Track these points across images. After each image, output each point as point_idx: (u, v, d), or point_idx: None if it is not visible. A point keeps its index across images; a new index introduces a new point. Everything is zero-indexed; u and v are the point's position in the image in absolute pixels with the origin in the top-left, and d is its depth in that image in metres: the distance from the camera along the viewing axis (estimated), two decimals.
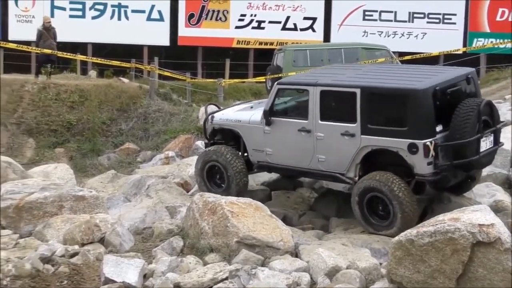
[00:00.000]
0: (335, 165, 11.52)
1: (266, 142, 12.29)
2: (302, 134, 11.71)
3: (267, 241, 9.44)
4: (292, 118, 12.05)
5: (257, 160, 12.54)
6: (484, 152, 11.02)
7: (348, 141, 11.20)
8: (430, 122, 10.59)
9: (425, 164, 10.54)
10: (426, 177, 10.71)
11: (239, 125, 12.80)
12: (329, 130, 11.45)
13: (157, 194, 12.92)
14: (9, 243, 9.83)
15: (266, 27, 31.34)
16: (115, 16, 30.36)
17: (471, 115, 10.65)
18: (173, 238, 9.84)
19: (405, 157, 10.68)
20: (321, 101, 11.52)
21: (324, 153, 11.57)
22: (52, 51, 22.17)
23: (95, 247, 9.52)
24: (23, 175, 12.62)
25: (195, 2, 30.80)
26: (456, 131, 10.67)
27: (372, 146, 11.03)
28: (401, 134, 10.65)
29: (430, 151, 10.50)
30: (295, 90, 12.63)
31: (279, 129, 12.06)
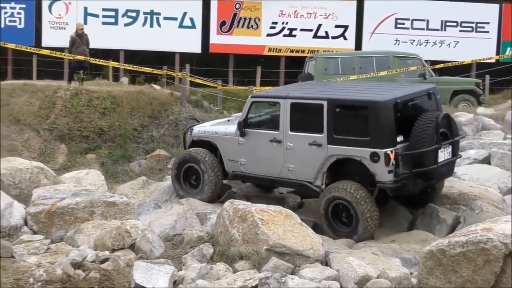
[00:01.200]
0: (304, 174, 12.24)
1: (240, 152, 13.08)
2: (273, 145, 12.47)
3: (297, 249, 9.41)
4: (264, 130, 12.85)
5: (232, 170, 13.34)
6: (443, 162, 11.66)
7: (316, 150, 11.92)
8: (391, 132, 11.24)
9: (386, 172, 11.16)
10: (387, 185, 11.28)
11: (216, 137, 13.62)
12: (298, 140, 12.18)
13: (187, 201, 12.94)
14: (40, 248, 9.88)
15: (297, 34, 31.33)
16: (147, 23, 30.52)
17: (430, 127, 11.32)
18: (203, 245, 9.84)
19: (367, 165, 11.30)
20: (291, 112, 12.28)
21: (294, 162, 12.30)
22: (85, 58, 22.32)
23: (125, 253, 9.54)
24: (55, 181, 12.71)
25: (227, 10, 30.89)
26: (415, 141, 11.31)
27: (337, 156, 11.73)
28: (364, 144, 11.30)
29: (391, 159, 11.11)
30: (267, 103, 13.40)
31: (252, 140, 12.86)
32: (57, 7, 29.91)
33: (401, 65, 22.84)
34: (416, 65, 22.93)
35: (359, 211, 11.28)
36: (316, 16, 31.39)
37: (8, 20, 29.57)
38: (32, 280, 8.32)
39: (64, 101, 20.97)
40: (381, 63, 22.90)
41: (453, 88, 23.02)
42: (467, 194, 12.60)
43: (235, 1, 30.94)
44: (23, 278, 8.40)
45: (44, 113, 20.53)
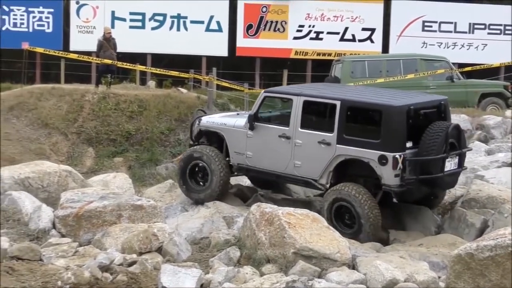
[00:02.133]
0: (309, 171, 12.47)
1: (247, 145, 13.24)
2: (281, 140, 12.68)
3: (324, 253, 9.40)
4: (274, 125, 13.03)
5: (237, 162, 13.48)
6: (448, 172, 11.90)
7: (324, 149, 12.16)
8: (401, 137, 11.53)
9: (393, 176, 11.42)
10: (393, 188, 11.54)
11: (224, 128, 13.76)
12: (308, 137, 12.41)
13: (214, 204, 12.98)
14: (68, 251, 9.94)
15: (324, 38, 31.23)
16: (174, 27, 30.56)
17: (440, 135, 11.60)
18: (230, 248, 9.85)
19: (375, 167, 11.56)
20: (303, 110, 12.54)
21: (300, 159, 12.52)
22: (112, 62, 22.44)
23: (152, 256, 9.58)
24: (83, 184, 12.80)
25: (254, 13, 30.86)
26: (424, 149, 11.60)
27: (345, 156, 11.97)
28: (373, 146, 11.57)
29: (398, 163, 11.36)
30: (280, 99, 13.73)
31: (261, 134, 13.04)
32: (85, 11, 30.03)
33: (429, 68, 22.74)
34: (444, 68, 22.82)
35: (361, 214, 11.49)
36: (343, 19, 31.28)
37: (36, 25, 29.74)
38: (60, 283, 8.37)
39: (92, 105, 21.11)
40: (408, 66, 22.82)
41: (481, 91, 22.87)
42: (496, 198, 12.53)
43: (261, 5, 30.91)
44: (51, 281, 8.46)
45: (72, 116, 20.67)
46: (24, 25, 29.66)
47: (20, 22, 29.63)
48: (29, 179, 12.40)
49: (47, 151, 19.46)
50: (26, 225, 11.01)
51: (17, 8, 29.53)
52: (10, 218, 11.26)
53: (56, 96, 21.53)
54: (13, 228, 10.94)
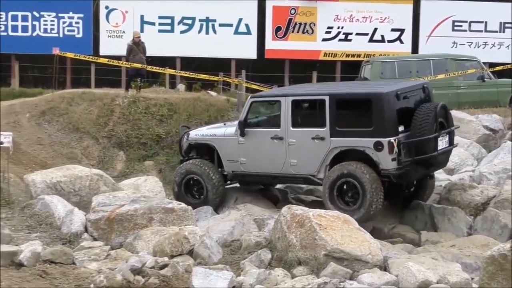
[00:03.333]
0: (306, 168, 12.73)
1: (240, 152, 13.45)
2: (274, 142, 12.95)
3: (355, 254, 9.36)
4: (265, 128, 13.39)
5: (231, 170, 13.69)
6: (441, 150, 12.42)
7: (318, 144, 12.47)
8: (393, 122, 11.93)
9: (390, 160, 11.79)
10: (391, 172, 11.85)
11: (214, 139, 14.00)
12: (301, 135, 12.71)
13: (245, 207, 12.97)
14: (100, 254, 10.01)
15: (353, 39, 31.14)
16: (203, 30, 30.64)
17: (429, 116, 12.05)
18: (261, 251, 9.85)
19: (371, 154, 11.92)
20: (293, 109, 12.83)
21: (296, 157, 12.78)
22: (142, 66, 22.52)
23: (184, 259, 9.61)
24: (114, 188, 12.87)
25: (282, 15, 30.85)
26: (417, 130, 12.00)
27: (341, 147, 12.31)
28: (367, 134, 11.96)
29: (394, 147, 11.73)
30: (268, 103, 14.16)
31: (253, 139, 13.28)
32: (114, 16, 30.20)
33: (459, 68, 22.58)
34: (474, 67, 22.65)
35: (367, 189, 11.77)
36: (371, 20, 31.17)
37: (66, 30, 29.96)
38: (92, 286, 8.44)
39: (122, 109, 21.20)
40: (438, 66, 22.66)
41: None
42: None
43: (290, 7, 30.90)
44: (84, 284, 8.53)
45: (103, 120, 20.77)
46: (55, 31, 29.91)
47: (50, 28, 29.88)
48: (61, 183, 12.50)
49: (78, 155, 19.58)
50: (58, 229, 11.11)
51: (48, 13, 29.80)
52: (43, 222, 11.37)
53: (87, 101, 21.65)
54: (46, 232, 11.05)
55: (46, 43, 28.25)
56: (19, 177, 14.91)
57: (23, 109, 21.34)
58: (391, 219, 13.08)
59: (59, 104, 21.49)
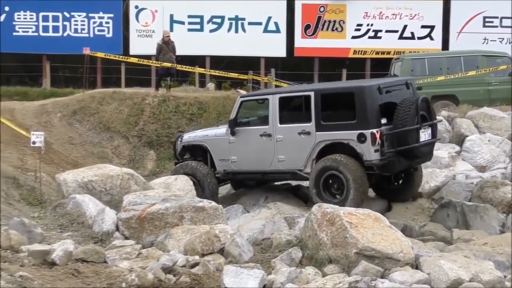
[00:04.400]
0: (294, 163, 13.22)
1: (231, 151, 13.99)
2: (263, 139, 13.48)
3: (386, 253, 9.31)
4: (254, 126, 13.93)
5: (223, 169, 14.22)
6: (424, 142, 12.86)
7: (305, 139, 12.98)
8: (375, 114, 12.43)
9: (373, 151, 12.30)
10: (374, 163, 12.36)
11: (206, 139, 14.61)
12: (288, 131, 13.24)
13: (275, 205, 12.98)
14: (132, 253, 10.03)
15: (383, 36, 30.99)
16: (232, 29, 30.67)
17: (411, 108, 12.47)
18: (292, 249, 9.82)
19: (355, 147, 12.42)
20: (280, 106, 13.37)
21: (284, 153, 13.28)
22: (172, 65, 22.59)
23: (215, 258, 9.61)
24: (145, 187, 12.90)
25: (312, 13, 30.79)
26: (398, 122, 12.44)
27: (326, 141, 12.81)
28: (351, 127, 12.47)
29: (377, 139, 12.24)
30: (256, 102, 14.52)
31: (243, 137, 13.84)
32: (144, 15, 30.33)
33: (490, 64, 22.38)
34: (506, 64, 22.43)
35: (350, 179, 12.26)
36: (401, 16, 31.01)
37: (97, 30, 30.16)
38: (124, 284, 8.47)
39: (152, 108, 21.29)
40: (469, 62, 22.48)
41: None
42: None
43: (319, 4, 30.83)
44: (116, 283, 8.56)
45: (133, 120, 20.88)
46: (85, 31, 30.13)
47: (81, 28, 30.10)
48: (92, 182, 12.55)
49: (109, 155, 19.70)
50: (90, 228, 11.16)
51: (78, 14, 30.03)
52: (75, 221, 11.43)
53: (117, 100, 21.77)
54: (78, 230, 11.11)
55: (77, 43, 28.46)
56: (51, 177, 15.04)
57: (55, 109, 21.52)
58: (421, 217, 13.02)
59: (90, 104, 21.64)
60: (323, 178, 12.65)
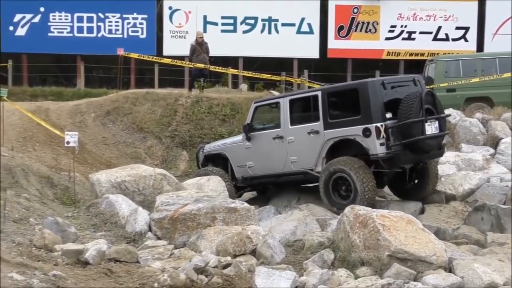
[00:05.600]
0: (305, 163, 13.47)
1: (247, 156, 14.40)
2: (276, 141, 13.86)
3: (419, 255, 9.25)
4: (267, 130, 14.25)
5: (241, 175, 14.61)
6: (430, 135, 12.87)
7: (314, 138, 13.27)
8: (379, 108, 12.62)
9: (378, 145, 12.46)
10: (380, 156, 12.53)
11: (225, 147, 15.13)
12: (298, 132, 13.57)
13: (307, 207, 12.96)
14: (164, 253, 10.07)
15: (416, 37, 30.88)
16: (265, 30, 30.71)
17: (415, 101, 12.58)
18: (324, 251, 9.80)
19: (361, 142, 12.63)
20: (290, 108, 13.79)
21: (295, 154, 13.59)
22: (205, 66, 22.62)
23: (247, 259, 9.61)
24: (177, 187, 12.93)
25: (345, 14, 30.75)
26: (403, 115, 12.57)
27: (334, 139, 13.05)
28: (356, 122, 12.71)
29: (381, 132, 12.43)
30: (269, 106, 14.70)
31: (257, 142, 14.23)
32: (178, 16, 30.47)
33: None
34: None
35: (357, 180, 12.44)
36: (435, 18, 30.86)
37: (130, 31, 30.35)
38: (156, 284, 8.50)
39: (185, 109, 21.35)
40: (504, 64, 22.24)
41: None
42: None
43: (353, 6, 30.79)
44: (148, 283, 8.59)
45: (166, 120, 20.95)
46: (119, 32, 30.35)
47: (115, 29, 30.31)
48: (125, 182, 12.62)
49: (142, 155, 19.79)
50: (123, 228, 11.21)
51: (112, 15, 30.24)
52: (108, 221, 11.49)
53: (151, 101, 21.86)
54: (111, 230, 11.16)
55: (111, 44, 28.67)
56: (84, 176, 15.14)
57: (89, 109, 21.66)
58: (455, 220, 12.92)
59: (124, 104, 21.76)
60: (332, 181, 12.89)
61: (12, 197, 11.85)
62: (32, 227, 10.63)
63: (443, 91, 21.54)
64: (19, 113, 19.80)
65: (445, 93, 21.55)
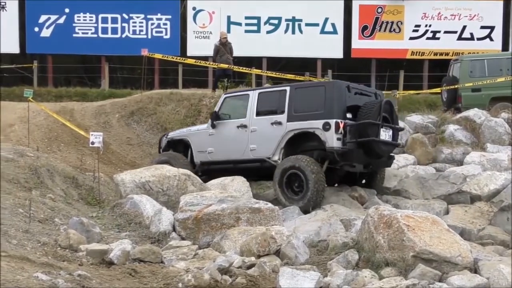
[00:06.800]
0: (264, 151, 14.20)
1: (209, 143, 15.08)
2: (239, 130, 14.63)
3: (444, 256, 9.22)
4: (232, 119, 14.97)
5: (199, 160, 15.21)
6: (384, 140, 13.76)
7: (276, 128, 14.05)
8: (341, 106, 13.58)
9: (335, 139, 13.29)
10: (335, 149, 13.31)
11: (188, 134, 15.85)
12: (262, 122, 14.34)
13: (331, 207, 12.94)
14: (188, 254, 10.11)
15: (441, 37, 30.67)
16: (289, 30, 30.65)
17: (374, 106, 13.63)
18: (348, 251, 9.79)
19: (320, 135, 13.44)
20: (258, 101, 14.60)
21: (256, 142, 14.33)
22: (229, 66, 22.64)
23: (271, 259, 9.62)
24: (201, 188, 12.96)
25: (369, 14, 30.63)
26: (362, 116, 13.55)
27: (295, 130, 13.84)
28: (318, 117, 13.53)
29: (340, 127, 13.27)
30: (238, 98, 15.48)
31: (222, 130, 15.01)
32: (201, 16, 30.48)
33: None
34: None
35: (309, 178, 13.08)
36: (460, 17, 30.66)
37: (154, 31, 30.40)
38: (181, 285, 8.52)
39: (209, 109, 21.33)
40: None
41: None
42: None
43: (377, 5, 30.66)
44: (172, 283, 8.62)
45: (190, 121, 20.97)
46: (143, 32, 30.39)
47: (139, 30, 30.38)
48: (150, 183, 12.66)
49: None
50: (147, 228, 11.26)
51: (136, 15, 30.30)
52: (132, 221, 11.54)
53: (174, 101, 21.93)
54: (135, 230, 11.21)
55: (135, 44, 28.71)
56: (109, 177, 15.22)
57: (113, 109, 21.77)
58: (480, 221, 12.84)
59: (148, 105, 21.84)
60: (286, 176, 13.49)
61: (37, 197, 11.94)
62: (57, 227, 10.71)
63: (468, 91, 21.43)
64: (44, 114, 19.96)
65: (470, 92, 21.43)
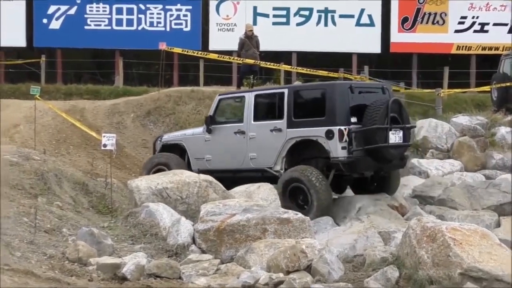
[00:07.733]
0: (264, 161, 14.35)
1: (206, 149, 15.26)
2: (237, 136, 14.76)
3: (496, 274, 9.09)
4: (229, 124, 15.22)
5: (198, 168, 15.20)
6: (393, 144, 13.67)
7: (276, 136, 14.14)
8: (344, 111, 13.55)
9: (340, 148, 13.34)
10: (340, 160, 13.38)
11: (183, 138, 15.98)
12: (260, 128, 14.46)
13: (368, 218, 12.90)
14: (209, 269, 10.05)
15: (490, 30, 30.47)
16: (321, 22, 30.57)
17: (381, 108, 13.45)
18: (387, 268, 9.70)
19: (323, 143, 13.49)
20: (255, 104, 14.74)
21: (255, 150, 14.48)
22: (255, 61, 22.60)
23: (301, 276, 9.54)
24: (224, 195, 12.93)
25: (410, 4, 30.48)
26: (367, 121, 13.43)
27: (296, 138, 13.92)
28: (320, 123, 13.57)
29: (344, 135, 13.29)
30: (234, 101, 15.93)
31: (218, 135, 15.15)
32: (225, 7, 30.47)
33: None
34: None
35: (314, 192, 13.25)
36: None
37: (174, 23, 30.42)
38: None
39: None
40: None
41: None
42: None
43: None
44: None
45: None
46: (161, 24, 30.47)
47: (157, 21, 30.45)
48: (167, 189, 12.63)
49: None
50: (164, 240, 11.21)
51: (154, 6, 30.38)
52: (148, 232, 11.49)
53: (195, 100, 21.92)
54: (151, 243, 11.17)
55: (152, 37, 28.75)
56: (122, 183, 15.22)
57: (127, 108, 21.80)
58: None
59: (166, 104, 21.87)
60: (289, 190, 13.65)
61: (43, 205, 11.94)
62: (65, 238, 10.70)
63: None
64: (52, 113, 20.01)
65: None
